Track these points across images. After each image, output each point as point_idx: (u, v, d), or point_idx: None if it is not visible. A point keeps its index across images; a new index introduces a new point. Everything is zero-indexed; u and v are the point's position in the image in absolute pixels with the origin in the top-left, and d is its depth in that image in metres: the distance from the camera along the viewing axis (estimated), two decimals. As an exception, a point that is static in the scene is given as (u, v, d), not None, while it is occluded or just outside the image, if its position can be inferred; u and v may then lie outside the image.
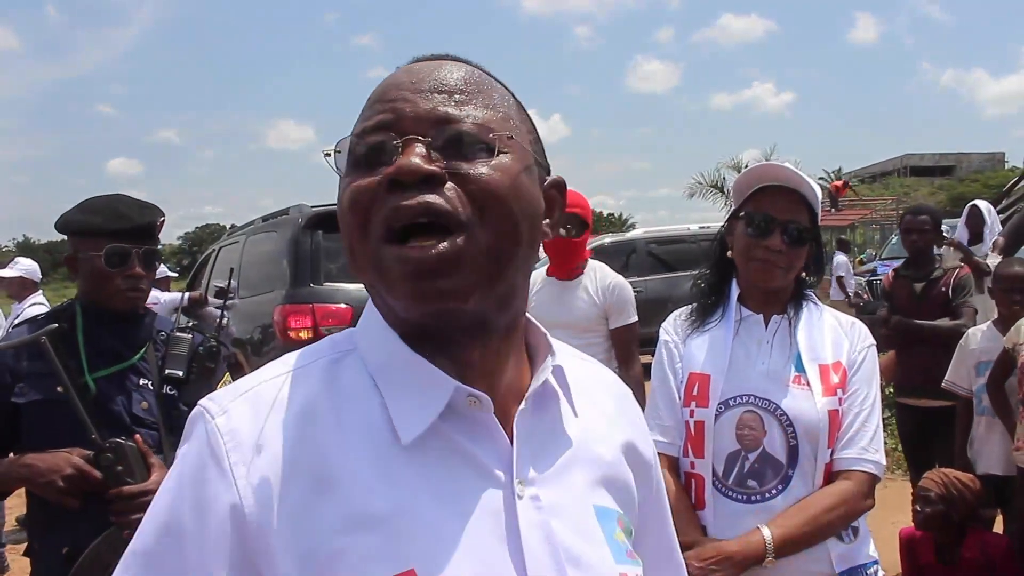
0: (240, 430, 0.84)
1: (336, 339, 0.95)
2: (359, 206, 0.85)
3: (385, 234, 0.84)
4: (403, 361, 0.88)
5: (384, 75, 0.92)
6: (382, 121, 0.87)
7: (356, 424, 0.86)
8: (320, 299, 6.15)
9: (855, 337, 2.14)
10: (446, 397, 0.86)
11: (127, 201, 2.36)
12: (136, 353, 2.34)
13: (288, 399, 0.86)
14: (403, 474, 0.84)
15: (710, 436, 2.06)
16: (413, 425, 0.85)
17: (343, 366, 0.91)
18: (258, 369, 0.92)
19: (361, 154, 0.87)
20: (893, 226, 23.04)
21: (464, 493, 0.86)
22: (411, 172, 0.83)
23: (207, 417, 0.86)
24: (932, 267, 4.87)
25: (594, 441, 1.00)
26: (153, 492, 2.07)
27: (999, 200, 9.83)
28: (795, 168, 2.11)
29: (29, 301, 6.48)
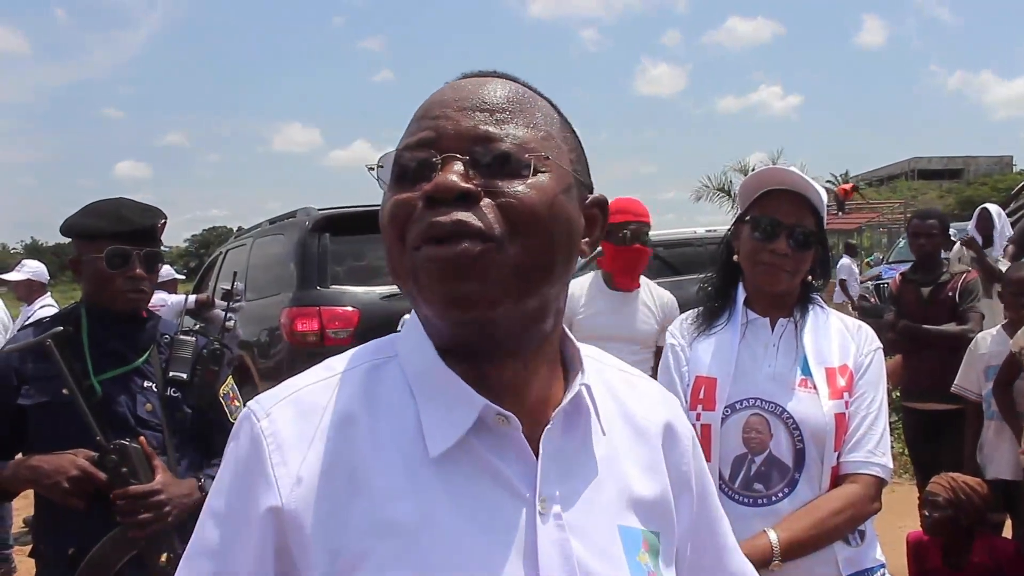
0: (282, 433, 0.89)
1: (381, 344, 0.99)
2: (398, 220, 0.88)
3: (418, 244, 0.86)
4: (437, 374, 0.91)
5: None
6: (424, 139, 0.90)
7: (390, 432, 0.89)
8: (327, 302, 6.16)
9: (861, 340, 2.13)
10: (474, 414, 0.89)
11: (129, 204, 2.38)
12: (141, 356, 2.36)
13: (328, 404, 0.91)
14: (430, 485, 0.87)
15: (716, 439, 2.06)
16: (442, 439, 0.88)
17: (384, 372, 0.94)
18: (308, 370, 0.96)
19: (403, 169, 0.90)
20: (900, 230, 22.99)
21: (487, 508, 0.88)
22: (447, 189, 0.85)
23: (253, 419, 0.90)
24: (940, 271, 4.85)
25: (624, 459, 1.00)
26: (157, 493, 2.10)
27: (1007, 203, 9.81)
28: (801, 172, 2.11)
29: (38, 303, 6.51)
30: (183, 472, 2.31)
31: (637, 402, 1.06)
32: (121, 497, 2.09)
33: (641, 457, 1.02)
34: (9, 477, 2.20)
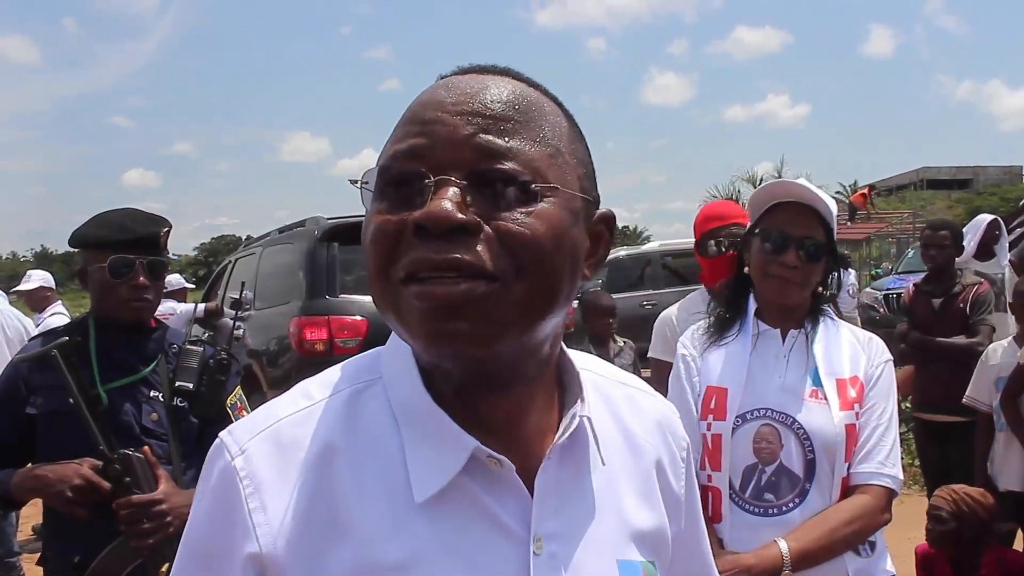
0: (259, 474, 0.82)
1: (362, 364, 0.91)
2: (382, 247, 0.79)
3: (406, 278, 0.77)
4: (423, 407, 0.84)
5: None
6: (415, 147, 0.79)
7: (375, 469, 0.83)
8: (336, 311, 6.18)
9: (872, 352, 2.14)
10: (464, 457, 0.82)
11: (134, 214, 2.40)
12: (148, 365, 2.36)
13: (308, 439, 0.83)
14: (418, 526, 0.81)
15: (727, 449, 2.06)
16: (429, 482, 0.82)
17: (366, 398, 0.87)
18: (279, 396, 0.89)
19: (389, 183, 0.80)
20: (909, 240, 22.94)
21: (479, 549, 0.82)
22: (442, 221, 0.75)
23: (227, 455, 0.83)
24: (952, 283, 4.84)
25: (622, 488, 0.95)
26: (160, 503, 2.11)
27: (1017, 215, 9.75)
28: (809, 184, 2.11)
29: (49, 311, 6.56)
30: (188, 482, 2.31)
31: (636, 420, 1.00)
32: (124, 506, 2.09)
33: (639, 483, 0.97)
34: (16, 486, 2.21)
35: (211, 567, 0.83)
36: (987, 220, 6.00)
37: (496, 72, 0.85)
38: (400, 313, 0.79)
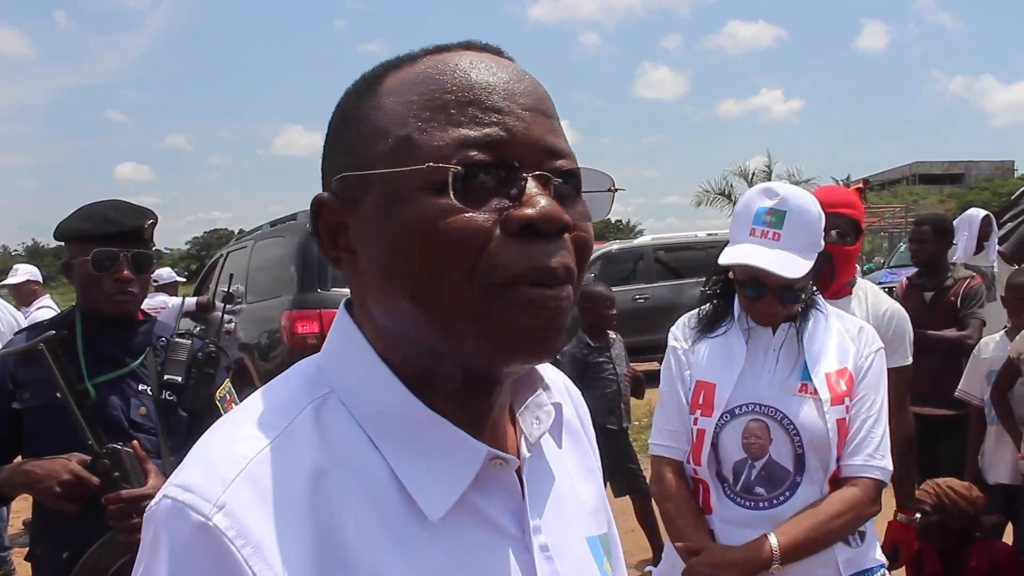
0: (251, 529, 0.67)
1: (307, 376, 0.80)
2: (472, 249, 0.70)
3: (510, 282, 0.70)
4: (416, 418, 0.75)
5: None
6: (493, 137, 0.72)
7: (361, 491, 0.73)
8: (327, 304, 6.17)
9: (862, 343, 2.13)
10: (477, 465, 0.75)
11: (118, 206, 2.37)
12: (136, 359, 2.35)
13: (289, 472, 0.71)
14: (425, 547, 0.73)
15: (708, 445, 2.07)
16: (439, 499, 0.74)
17: (327, 416, 0.76)
18: (228, 435, 0.74)
19: (471, 175, 0.71)
20: (902, 234, 22.98)
21: (486, 560, 0.77)
22: (555, 222, 0.70)
23: (197, 516, 0.67)
24: (943, 276, 4.84)
25: (571, 466, 0.92)
26: (148, 497, 2.09)
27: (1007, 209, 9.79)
28: (780, 190, 2.03)
29: (36, 305, 6.54)
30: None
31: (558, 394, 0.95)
32: (112, 501, 2.08)
33: (580, 459, 0.95)
34: (4, 481, 2.19)
35: None
36: (980, 216, 6.02)
37: (504, 55, 0.80)
38: (489, 321, 0.71)
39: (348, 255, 0.78)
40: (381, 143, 0.74)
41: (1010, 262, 5.89)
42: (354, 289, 0.81)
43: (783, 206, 2.01)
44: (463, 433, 0.76)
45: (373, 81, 0.79)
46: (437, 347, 0.74)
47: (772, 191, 2.05)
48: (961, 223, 5.98)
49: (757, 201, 2.04)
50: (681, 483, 2.16)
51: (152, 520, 0.70)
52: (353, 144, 0.77)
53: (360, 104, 0.78)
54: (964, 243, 5.79)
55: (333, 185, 0.78)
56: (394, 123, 0.74)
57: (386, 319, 0.77)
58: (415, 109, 0.74)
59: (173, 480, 0.71)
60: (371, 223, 0.75)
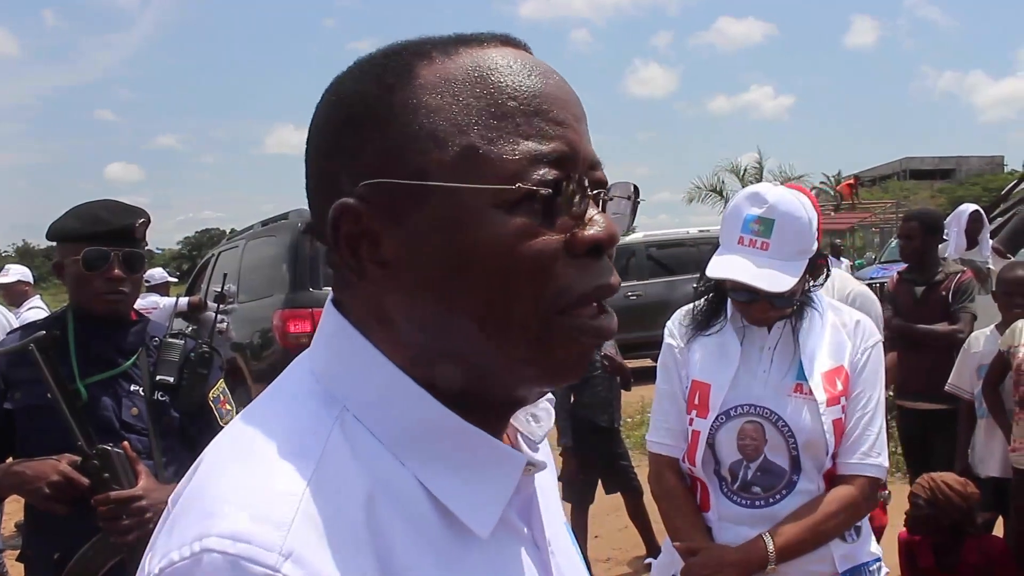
0: (324, 573, 0.61)
1: (313, 391, 0.72)
2: (546, 272, 0.68)
3: (575, 304, 0.69)
4: (449, 432, 0.70)
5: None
6: (560, 153, 0.69)
7: (402, 512, 0.67)
8: (320, 304, 6.10)
9: (858, 337, 2.11)
10: (517, 475, 0.73)
11: (109, 205, 2.36)
12: (128, 359, 2.34)
13: (342, 506, 0.64)
14: (469, 566, 0.70)
15: (703, 447, 2.07)
16: (485, 514, 0.70)
17: (349, 434, 0.69)
18: (258, 470, 0.66)
19: (550, 199, 0.68)
20: (892, 229, 23.03)
21: (517, 568, 0.75)
22: (616, 241, 0.71)
23: (261, 570, 0.59)
24: (934, 271, 4.86)
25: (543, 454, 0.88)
26: (139, 498, 2.09)
27: (997, 204, 9.83)
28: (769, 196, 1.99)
29: (26, 306, 6.52)
30: (170, 478, 2.29)
31: None
32: (103, 502, 2.07)
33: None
34: None
35: None
36: (968, 212, 6.04)
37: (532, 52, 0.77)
38: (545, 344, 0.69)
39: (377, 267, 0.71)
40: (438, 150, 0.68)
41: (1004, 256, 5.91)
42: (367, 303, 0.73)
43: (771, 214, 1.97)
44: (504, 445, 0.73)
45: (398, 69, 0.71)
46: (489, 367, 0.70)
47: (761, 197, 2.00)
48: (952, 219, 6.00)
49: (745, 208, 2.01)
50: (679, 481, 2.16)
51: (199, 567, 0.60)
52: (393, 146, 0.69)
53: (390, 97, 0.71)
54: (954, 239, 5.81)
55: (360, 189, 0.70)
56: (452, 128, 0.68)
57: (425, 336, 0.71)
58: (475, 114, 0.69)
59: (207, 530, 0.61)
60: (425, 238, 0.69)
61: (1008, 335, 3.99)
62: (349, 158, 0.72)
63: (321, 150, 0.75)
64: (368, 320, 0.73)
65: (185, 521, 0.64)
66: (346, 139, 0.72)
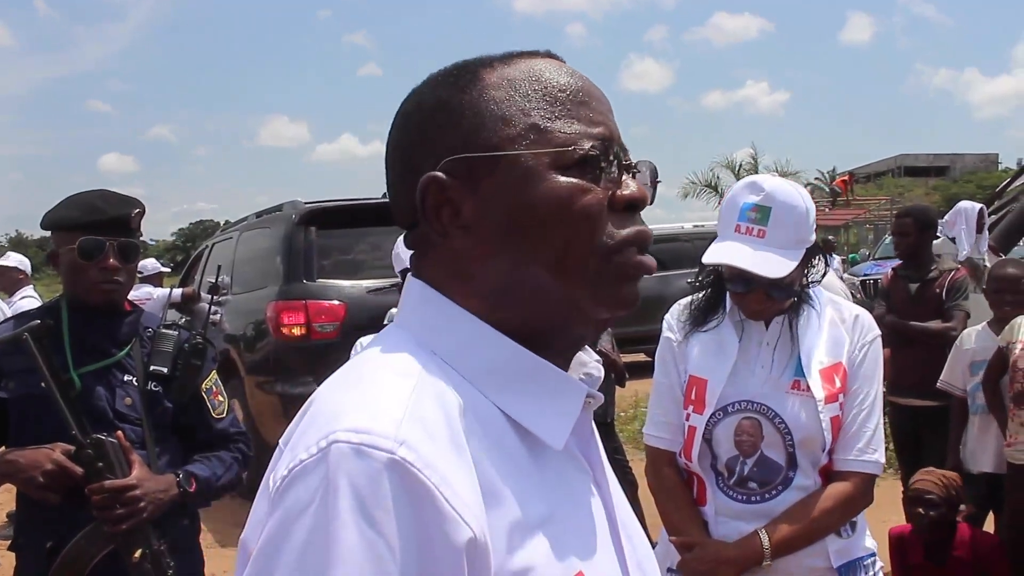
0: (433, 460, 0.72)
1: (405, 340, 0.85)
2: (596, 219, 0.84)
3: (620, 247, 0.85)
4: (525, 367, 0.84)
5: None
6: (603, 134, 0.86)
7: (484, 430, 0.80)
8: (313, 295, 6.13)
9: (857, 333, 2.10)
10: (580, 400, 0.87)
11: (105, 195, 2.36)
12: (122, 349, 2.33)
13: (442, 410, 0.77)
14: (543, 481, 0.83)
15: (698, 443, 2.07)
16: (556, 430, 0.85)
17: (439, 368, 0.82)
18: (367, 383, 0.79)
19: (595, 160, 0.85)
20: (887, 226, 23.08)
21: (583, 494, 0.88)
22: (647, 201, 0.89)
23: (381, 453, 0.70)
24: (928, 268, 4.87)
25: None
26: (132, 488, 2.08)
27: (991, 200, 9.86)
28: (766, 186, 2.00)
29: (19, 295, 6.50)
30: (163, 467, 2.29)
31: None
32: (96, 492, 2.07)
33: None
34: None
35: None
36: (976, 210, 6.04)
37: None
38: (601, 280, 0.84)
39: (459, 230, 0.85)
40: (507, 128, 0.84)
41: (996, 253, 5.93)
42: (448, 261, 0.87)
43: (768, 202, 1.97)
44: (567, 374, 0.87)
45: (470, 75, 0.88)
46: (558, 303, 0.84)
47: (758, 186, 2.00)
48: (956, 217, 5.99)
49: (742, 197, 2.01)
50: (676, 475, 2.16)
51: (317, 469, 0.71)
52: (470, 129, 0.85)
53: (464, 95, 0.87)
54: (964, 237, 5.82)
55: (445, 165, 0.84)
56: (518, 111, 0.85)
57: (501, 284, 0.85)
58: (536, 101, 0.86)
59: (332, 429, 0.73)
60: (499, 198, 0.84)
61: (1007, 331, 4.00)
62: (431, 146, 0.87)
63: (403, 146, 0.90)
64: (448, 281, 0.87)
65: (307, 433, 0.76)
66: (429, 133, 0.88)
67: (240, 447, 2.49)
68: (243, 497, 5.87)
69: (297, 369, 6.00)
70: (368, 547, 0.68)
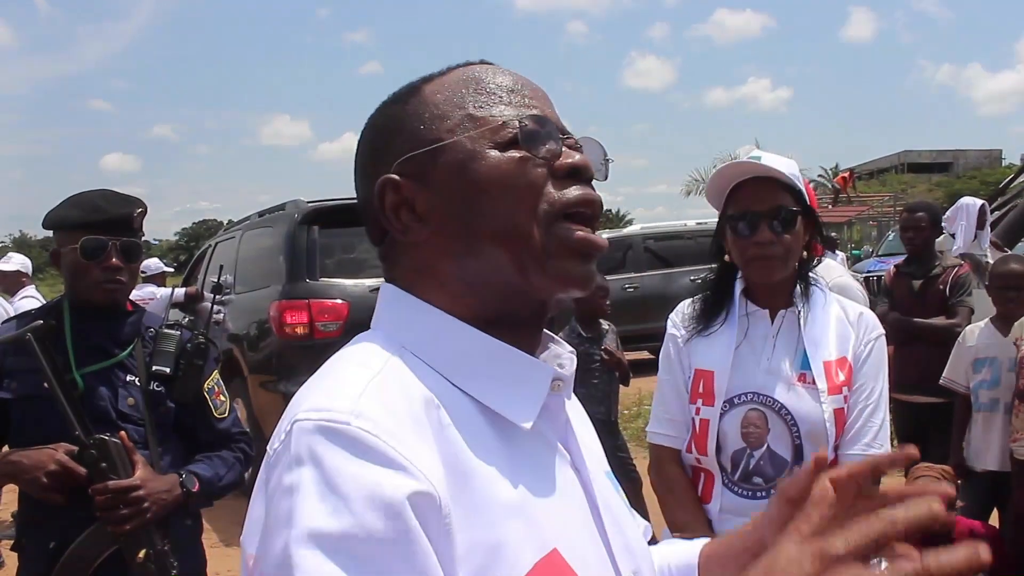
0: (388, 425, 0.76)
1: (375, 338, 0.90)
2: (536, 188, 0.88)
3: (566, 213, 0.89)
4: (491, 353, 0.89)
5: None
6: (536, 114, 0.91)
7: (456, 417, 0.83)
8: (316, 295, 6.14)
9: (862, 330, 2.11)
10: (548, 380, 0.90)
11: (108, 195, 2.36)
12: (124, 349, 2.33)
13: (404, 395, 0.81)
14: (516, 461, 0.85)
15: (713, 436, 2.06)
16: (525, 411, 0.88)
17: (406, 361, 0.86)
18: (333, 375, 0.85)
19: (529, 134, 0.89)
20: (890, 223, 23.06)
21: (556, 475, 0.90)
22: (590, 169, 0.92)
23: (336, 424, 0.75)
24: (932, 264, 4.86)
25: (575, 407, 1.05)
26: (136, 488, 2.08)
27: (995, 197, 9.84)
28: (762, 152, 2.09)
29: (21, 295, 6.52)
30: (166, 468, 2.29)
31: None
32: (100, 492, 2.07)
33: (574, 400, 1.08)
34: None
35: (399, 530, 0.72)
36: (977, 205, 6.02)
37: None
38: (549, 254, 0.88)
39: (417, 223, 0.90)
40: (445, 122, 0.91)
41: (1001, 249, 5.92)
42: (412, 258, 0.93)
43: (757, 154, 2.09)
44: (532, 358, 0.91)
45: (412, 89, 0.96)
46: (511, 280, 0.88)
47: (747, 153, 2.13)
48: (957, 212, 5.98)
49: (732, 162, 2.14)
50: (680, 472, 2.16)
51: (285, 452, 0.77)
52: (413, 132, 0.92)
53: (407, 106, 0.94)
54: (963, 232, 5.80)
55: (396, 167, 0.91)
56: (453, 107, 0.92)
57: (462, 267, 0.90)
58: (469, 95, 0.92)
59: (297, 409, 0.79)
60: (446, 184, 0.89)
61: (1017, 328, 3.98)
62: (383, 156, 0.94)
63: (363, 164, 0.97)
64: (414, 279, 0.92)
65: (279, 426, 0.81)
66: (380, 146, 0.95)
67: (242, 447, 2.49)
68: (246, 497, 5.89)
69: (300, 368, 5.99)
70: (331, 510, 0.72)
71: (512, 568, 0.79)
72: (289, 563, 0.71)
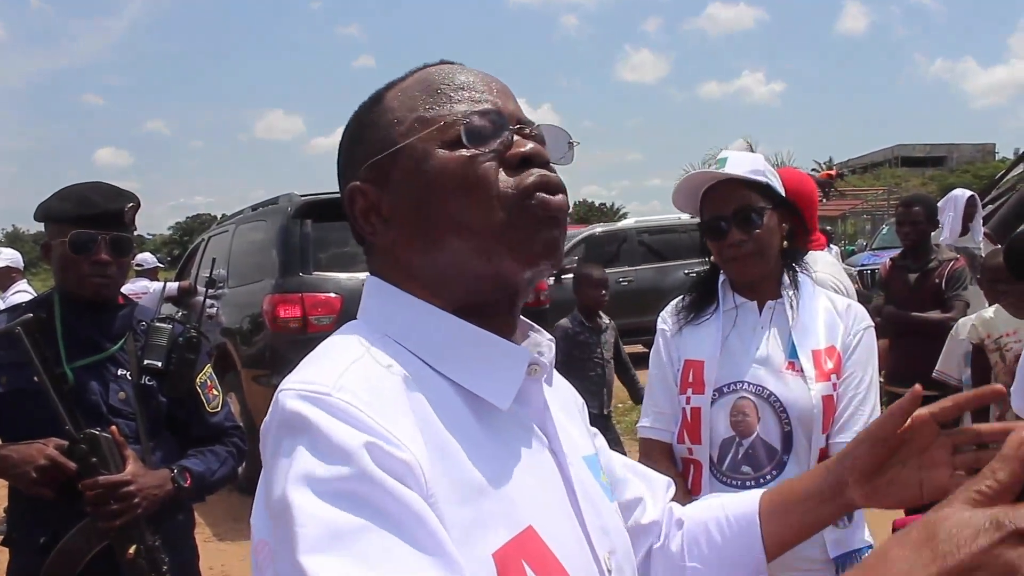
0: (370, 402, 0.80)
1: (359, 327, 0.94)
2: (488, 180, 0.91)
3: (529, 192, 0.91)
4: (466, 336, 0.92)
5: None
6: (485, 108, 0.94)
7: (435, 398, 0.87)
8: (310, 288, 6.12)
9: (850, 320, 2.13)
10: (524, 363, 0.93)
11: (100, 188, 2.33)
12: (115, 343, 2.31)
13: (384, 375, 0.85)
14: (491, 443, 0.88)
15: (706, 422, 2.07)
16: (502, 392, 0.91)
17: (387, 347, 0.90)
18: (319, 357, 0.89)
19: (476, 132, 0.92)
20: (884, 216, 23.10)
21: (533, 458, 0.93)
22: (543, 155, 0.95)
23: (319, 396, 0.80)
24: (928, 258, 4.86)
25: (564, 389, 1.10)
26: (127, 483, 2.07)
27: (988, 190, 9.86)
28: (728, 154, 2.12)
29: (12, 290, 6.49)
30: (157, 462, 2.28)
31: None
32: (90, 487, 2.06)
33: (564, 386, 1.13)
34: None
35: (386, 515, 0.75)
36: (965, 197, 6.02)
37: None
38: (512, 231, 0.90)
39: (384, 225, 0.95)
40: (399, 127, 0.95)
41: (995, 242, 5.92)
42: (386, 256, 0.97)
43: (723, 156, 2.11)
44: (509, 343, 0.94)
45: (376, 97, 1.00)
46: (478, 269, 0.92)
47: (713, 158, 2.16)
48: (946, 204, 5.98)
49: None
50: (670, 466, 2.17)
51: (273, 418, 0.83)
52: (373, 139, 0.97)
53: (370, 113, 0.99)
54: (950, 224, 5.81)
55: (361, 174, 0.96)
56: (406, 111, 0.96)
57: (429, 262, 0.93)
58: (421, 98, 0.96)
59: (286, 385, 0.84)
60: (405, 186, 0.93)
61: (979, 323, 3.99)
62: (351, 163, 0.99)
63: (339, 165, 1.03)
64: (391, 273, 0.97)
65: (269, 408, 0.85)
66: (349, 150, 1.01)
67: (235, 441, 2.48)
68: (239, 491, 5.89)
69: (293, 362, 5.74)
70: (322, 457, 0.77)
71: (486, 544, 0.81)
72: (287, 504, 0.75)
